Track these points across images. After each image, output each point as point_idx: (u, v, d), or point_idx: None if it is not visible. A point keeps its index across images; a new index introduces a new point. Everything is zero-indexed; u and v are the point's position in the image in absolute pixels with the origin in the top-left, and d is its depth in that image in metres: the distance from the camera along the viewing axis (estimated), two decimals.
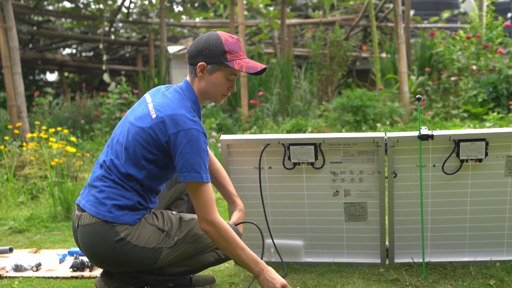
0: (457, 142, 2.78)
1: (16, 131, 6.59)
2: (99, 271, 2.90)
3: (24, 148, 5.77)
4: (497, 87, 6.67)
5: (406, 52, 7.75)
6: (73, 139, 6.19)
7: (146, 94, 2.54)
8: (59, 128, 6.56)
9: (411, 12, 10.02)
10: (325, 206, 3.00)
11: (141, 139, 2.37)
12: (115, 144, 2.46)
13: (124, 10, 11.84)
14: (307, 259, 3.10)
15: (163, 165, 2.42)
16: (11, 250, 3.47)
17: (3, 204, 4.90)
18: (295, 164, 2.95)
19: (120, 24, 12.51)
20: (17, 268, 3.09)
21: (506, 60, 7.27)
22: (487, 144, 2.77)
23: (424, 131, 2.74)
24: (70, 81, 13.87)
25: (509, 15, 11.15)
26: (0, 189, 5.12)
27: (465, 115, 6.65)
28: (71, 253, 3.34)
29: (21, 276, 3.03)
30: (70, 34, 12.14)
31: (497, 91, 6.67)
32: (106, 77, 9.53)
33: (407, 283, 2.74)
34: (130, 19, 12.08)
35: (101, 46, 10.36)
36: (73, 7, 11.79)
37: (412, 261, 2.99)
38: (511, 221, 2.91)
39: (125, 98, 8.13)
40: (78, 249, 3.31)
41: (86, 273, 3.03)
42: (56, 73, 13.90)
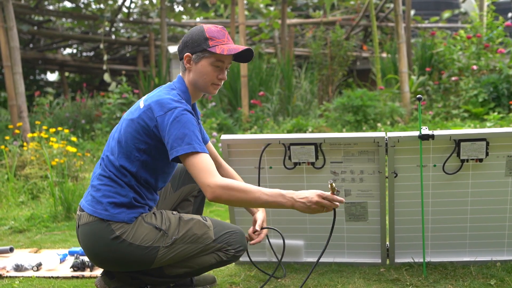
0: (458, 142, 2.78)
1: (17, 131, 6.60)
2: (100, 271, 2.90)
3: (25, 148, 5.77)
4: (498, 87, 6.67)
5: (407, 52, 7.75)
6: (74, 139, 6.19)
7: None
8: (60, 128, 6.56)
9: (412, 12, 10.03)
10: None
11: (132, 130, 2.40)
12: (111, 141, 2.50)
13: (125, 10, 11.85)
14: (308, 259, 3.10)
15: (156, 154, 2.41)
16: (12, 250, 3.47)
17: (4, 204, 4.90)
18: (296, 164, 2.95)
19: (121, 24, 12.52)
20: (18, 268, 3.09)
21: (507, 60, 7.27)
22: (488, 144, 2.77)
23: (425, 131, 2.74)
24: (71, 81, 13.88)
25: (510, 15, 11.15)
26: (1, 189, 5.12)
27: (466, 115, 6.64)
28: (72, 253, 3.35)
29: (22, 276, 3.03)
30: (71, 34, 12.15)
31: (498, 91, 6.67)
32: (107, 77, 9.54)
33: (408, 283, 2.74)
34: (131, 19, 12.09)
35: (102, 46, 10.36)
36: (74, 7, 11.80)
37: (413, 261, 2.99)
38: None
39: (126, 98, 8.14)
40: (79, 249, 3.32)
41: (87, 273, 3.03)
42: (57, 73, 13.91)
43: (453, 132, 2.78)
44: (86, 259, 3.09)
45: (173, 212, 2.51)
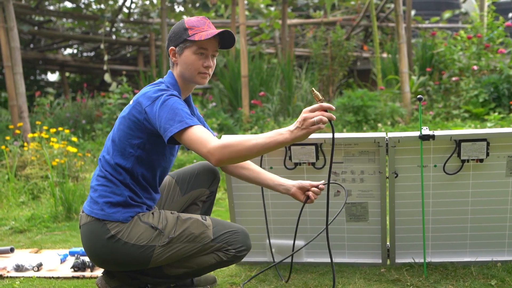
0: (458, 142, 2.78)
1: (17, 131, 6.60)
2: (100, 271, 2.90)
3: (25, 148, 5.77)
4: (498, 87, 6.66)
5: (407, 52, 7.75)
6: (74, 139, 6.19)
7: None
8: (60, 128, 6.56)
9: (412, 12, 10.02)
10: (326, 207, 2.99)
11: (124, 127, 2.42)
12: (107, 141, 2.52)
13: (125, 10, 11.86)
14: (308, 259, 3.10)
15: (150, 148, 2.42)
16: (12, 250, 3.47)
17: (4, 204, 4.90)
18: (296, 164, 2.95)
19: (121, 24, 12.52)
20: (18, 268, 3.09)
21: (507, 60, 7.26)
22: (488, 144, 2.77)
23: (425, 131, 2.74)
24: (71, 81, 13.88)
25: (510, 15, 11.15)
26: (1, 189, 5.13)
27: (466, 115, 6.64)
28: (72, 253, 3.35)
29: (22, 276, 3.03)
30: (71, 34, 12.15)
31: (498, 91, 6.67)
32: (107, 77, 9.54)
33: (408, 283, 2.74)
34: (131, 19, 12.09)
35: (102, 46, 10.36)
36: (74, 7, 11.80)
37: (413, 261, 2.99)
38: None
39: (126, 98, 8.14)
40: (79, 249, 3.33)
41: (87, 273, 3.03)
42: (57, 73, 13.91)
43: (454, 133, 2.78)
44: (87, 260, 3.09)
45: (172, 212, 2.51)
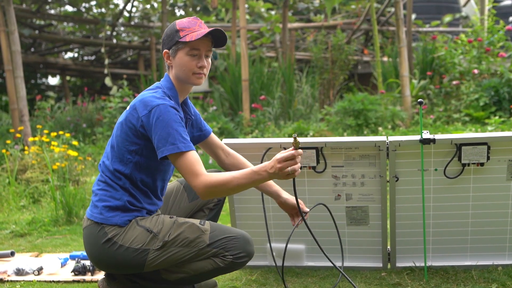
0: (459, 146, 2.78)
1: (18, 135, 6.60)
2: (101, 275, 2.90)
3: (26, 152, 5.77)
4: (499, 91, 6.66)
5: (408, 56, 7.76)
6: (75, 143, 6.19)
7: None
8: (61, 132, 6.56)
9: (413, 16, 10.03)
10: (327, 210, 2.99)
11: (122, 133, 2.43)
12: (107, 147, 2.54)
13: (126, 14, 11.87)
14: (309, 263, 3.10)
15: (148, 153, 2.43)
16: (13, 254, 3.47)
17: (5, 208, 4.90)
18: None
19: (122, 28, 12.53)
20: (19, 272, 3.09)
21: (508, 64, 7.26)
22: (489, 148, 2.77)
23: (426, 135, 2.74)
24: (72, 85, 13.88)
25: (511, 19, 11.16)
26: (2, 193, 5.12)
27: (467, 119, 6.64)
28: (73, 257, 3.34)
29: (23, 280, 3.02)
30: (72, 38, 12.16)
31: (499, 95, 6.66)
32: (108, 81, 9.53)
33: (409, 287, 2.73)
34: (132, 23, 12.10)
35: (103, 50, 10.36)
36: (75, 11, 11.81)
37: (414, 265, 2.98)
38: None
39: (127, 102, 8.14)
40: (80, 253, 3.33)
41: (88, 277, 3.03)
42: (58, 77, 13.90)
43: (454, 136, 2.78)
44: (88, 263, 3.09)
45: (172, 216, 2.50)
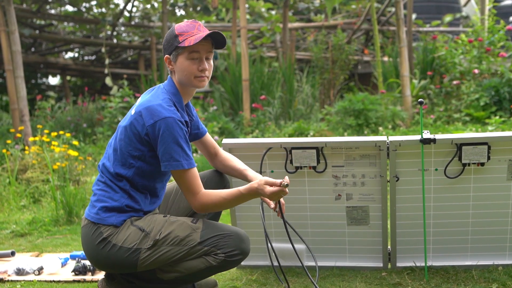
0: (459, 146, 2.78)
1: (18, 135, 6.60)
2: (101, 275, 2.90)
3: (26, 152, 5.77)
4: (499, 91, 6.66)
5: (408, 56, 7.75)
6: (75, 143, 6.19)
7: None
8: (61, 132, 6.56)
9: (413, 16, 10.01)
10: (327, 210, 2.99)
11: (125, 137, 2.43)
12: (108, 148, 2.54)
13: (126, 14, 11.87)
14: (309, 263, 3.09)
15: (150, 160, 2.43)
16: (13, 254, 3.47)
17: (5, 208, 4.90)
18: (297, 168, 2.95)
19: (122, 28, 12.52)
20: (19, 272, 3.09)
21: (508, 64, 7.25)
22: (489, 148, 2.77)
23: (426, 135, 2.74)
24: (72, 85, 13.87)
25: (511, 19, 11.15)
26: (2, 193, 5.12)
27: (467, 119, 6.63)
28: (73, 257, 3.34)
29: (23, 280, 3.03)
30: (73, 38, 12.16)
31: (499, 95, 6.66)
32: (108, 81, 9.53)
33: (410, 287, 2.73)
34: (132, 23, 12.09)
35: (103, 50, 10.36)
36: (76, 11, 11.81)
37: (414, 265, 2.98)
38: None
39: (127, 102, 8.15)
40: (80, 253, 3.32)
41: (88, 277, 3.03)
42: (59, 77, 13.91)
43: (455, 136, 2.78)
44: (88, 263, 3.09)
45: (165, 215, 2.50)
